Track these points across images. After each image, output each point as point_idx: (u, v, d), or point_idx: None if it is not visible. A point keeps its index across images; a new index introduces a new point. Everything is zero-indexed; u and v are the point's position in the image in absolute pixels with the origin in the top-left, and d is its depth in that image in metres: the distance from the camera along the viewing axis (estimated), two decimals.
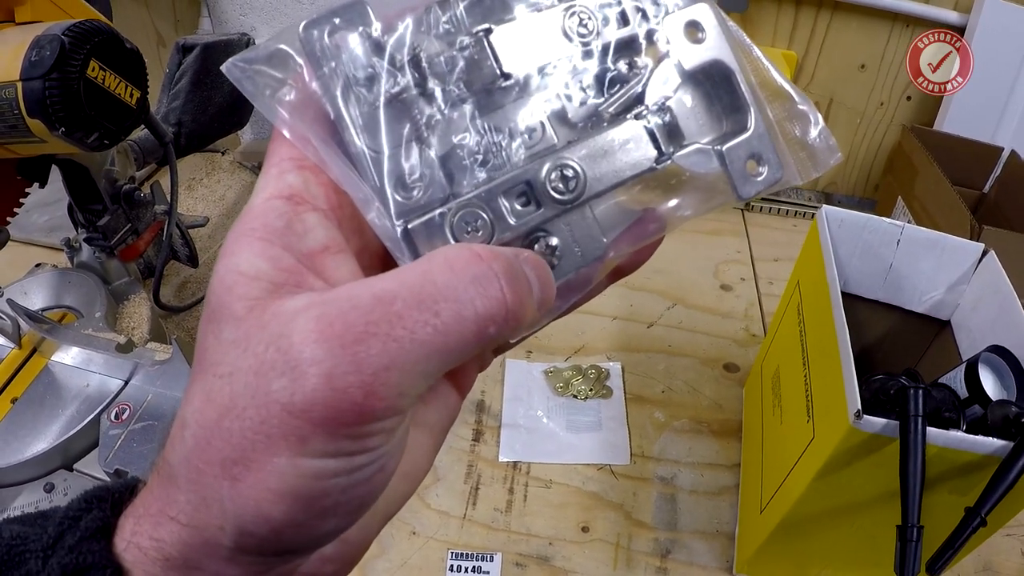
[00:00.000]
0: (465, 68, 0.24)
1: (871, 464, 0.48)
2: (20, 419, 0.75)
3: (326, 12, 0.23)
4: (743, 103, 0.27)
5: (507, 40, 0.25)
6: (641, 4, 0.27)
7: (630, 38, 0.26)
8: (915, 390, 0.45)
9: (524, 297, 0.22)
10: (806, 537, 0.60)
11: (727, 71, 0.27)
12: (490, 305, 0.21)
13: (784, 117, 0.28)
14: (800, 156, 0.27)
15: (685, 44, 0.27)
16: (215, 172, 1.37)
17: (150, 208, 0.94)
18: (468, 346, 0.20)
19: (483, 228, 0.24)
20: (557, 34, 0.25)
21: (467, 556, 0.72)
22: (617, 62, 0.26)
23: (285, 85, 0.23)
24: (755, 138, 0.26)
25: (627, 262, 0.28)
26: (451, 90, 0.24)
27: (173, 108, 0.95)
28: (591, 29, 0.26)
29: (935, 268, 0.66)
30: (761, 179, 0.27)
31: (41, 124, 0.62)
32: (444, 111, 0.24)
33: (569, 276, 0.25)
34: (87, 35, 0.63)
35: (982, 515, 0.44)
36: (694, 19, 0.27)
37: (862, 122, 1.23)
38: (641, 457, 0.82)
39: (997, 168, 1.08)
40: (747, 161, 0.26)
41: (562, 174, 0.25)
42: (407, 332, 0.19)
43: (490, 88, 0.25)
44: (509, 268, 0.21)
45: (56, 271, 0.91)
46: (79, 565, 0.21)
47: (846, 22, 1.13)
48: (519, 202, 0.24)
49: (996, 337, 0.57)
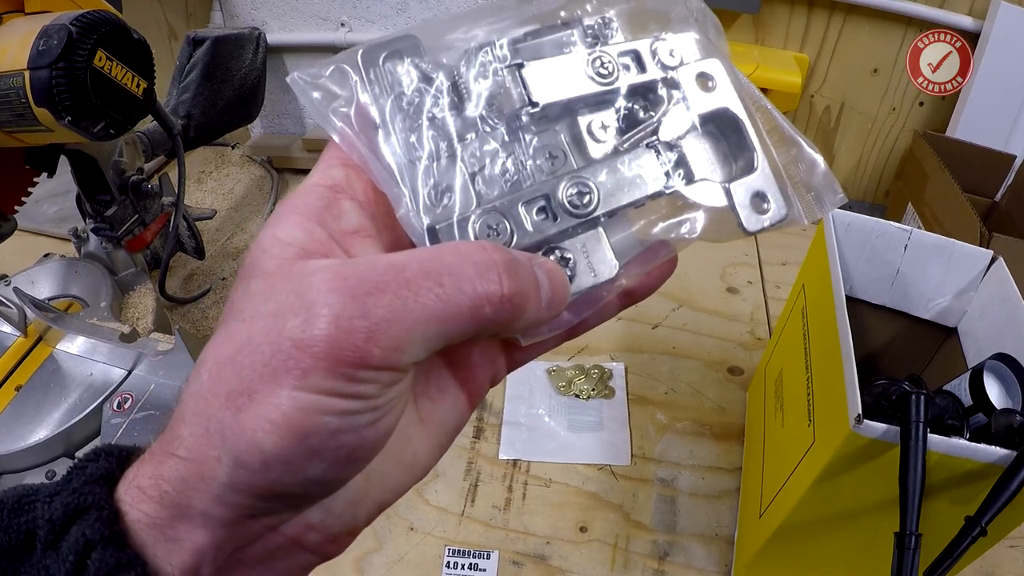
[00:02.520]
0: (499, 95, 0.27)
1: (871, 470, 0.48)
2: (24, 406, 0.75)
3: (383, 41, 0.27)
4: (750, 146, 0.29)
5: (537, 74, 0.28)
6: (659, 54, 0.30)
7: (648, 83, 0.30)
8: (917, 396, 0.45)
9: (524, 289, 0.23)
10: (804, 542, 0.59)
11: (735, 118, 0.30)
12: (487, 287, 0.22)
13: (791, 161, 0.30)
14: (807, 198, 0.30)
15: (697, 92, 0.30)
16: (224, 165, 1.37)
17: (157, 200, 0.94)
18: (464, 319, 0.22)
19: (503, 232, 0.26)
20: (581, 74, 0.29)
21: (464, 553, 0.72)
22: (634, 103, 0.30)
23: (340, 98, 0.26)
24: (761, 178, 0.29)
25: (639, 288, 0.30)
26: (485, 114, 0.27)
27: (183, 101, 0.96)
28: (611, 71, 0.29)
29: (943, 274, 0.66)
30: (766, 216, 0.29)
31: (48, 113, 0.62)
32: (478, 132, 0.27)
33: (582, 293, 0.27)
34: (94, 25, 0.63)
35: (982, 524, 0.43)
36: (705, 71, 0.30)
37: (873, 127, 1.22)
38: (642, 458, 0.82)
39: (1009, 176, 1.07)
40: (753, 199, 0.29)
41: (578, 190, 0.27)
42: (412, 294, 0.21)
43: (519, 114, 0.28)
44: (510, 262, 0.23)
45: (63, 261, 0.92)
46: (79, 505, 0.23)
47: (859, 25, 1.12)
48: (538, 214, 0.27)
49: (1003, 345, 0.56)
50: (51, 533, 0.23)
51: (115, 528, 0.23)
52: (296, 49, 1.25)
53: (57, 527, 0.23)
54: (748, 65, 1.09)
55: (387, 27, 1.20)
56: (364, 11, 1.19)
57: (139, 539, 0.23)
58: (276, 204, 1.26)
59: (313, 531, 0.25)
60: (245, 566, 0.24)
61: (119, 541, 0.22)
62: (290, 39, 1.23)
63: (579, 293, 0.27)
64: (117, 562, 0.22)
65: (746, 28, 1.16)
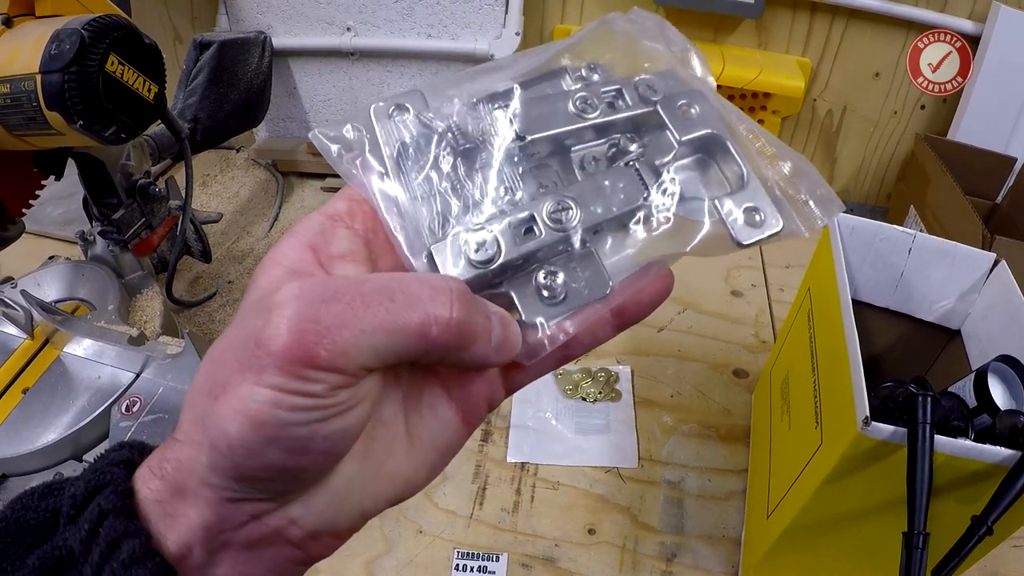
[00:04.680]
0: (491, 134, 0.30)
1: (878, 471, 0.48)
2: (31, 409, 0.76)
3: (391, 96, 0.30)
4: (738, 165, 0.31)
5: (525, 113, 0.31)
6: (640, 90, 0.32)
7: (632, 117, 0.32)
8: (923, 397, 0.45)
9: (474, 319, 0.25)
10: (812, 543, 0.59)
11: (720, 140, 0.31)
12: (437, 309, 0.24)
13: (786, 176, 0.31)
14: (805, 210, 0.31)
15: (680, 121, 0.31)
16: (230, 169, 1.38)
17: (164, 203, 0.94)
18: (412, 336, 0.24)
19: (491, 247, 0.28)
20: (567, 111, 0.31)
21: (473, 556, 0.72)
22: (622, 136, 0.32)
23: (353, 149, 0.29)
24: (751, 193, 0.30)
25: (632, 307, 0.31)
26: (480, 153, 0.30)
27: (189, 104, 0.96)
28: (595, 107, 0.31)
29: (946, 277, 0.66)
30: (759, 229, 0.30)
31: (59, 117, 0.62)
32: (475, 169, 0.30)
33: (574, 310, 0.28)
34: (107, 30, 0.63)
35: (988, 524, 0.43)
36: (687, 100, 0.32)
37: (875, 130, 1.22)
38: (649, 460, 0.82)
39: (1010, 179, 1.08)
40: (746, 212, 0.30)
41: (559, 207, 0.29)
42: (363, 305, 0.23)
43: (513, 151, 0.30)
44: (465, 293, 0.26)
45: (70, 263, 0.92)
46: (99, 483, 0.26)
47: (861, 30, 1.12)
48: (525, 233, 0.29)
49: (1006, 347, 0.57)
50: (73, 508, 0.26)
51: (127, 501, 0.25)
52: (302, 53, 1.26)
53: (79, 502, 0.26)
54: (751, 70, 1.09)
55: (392, 32, 1.20)
56: (370, 15, 1.19)
57: (145, 513, 0.25)
58: (281, 208, 1.27)
59: (294, 526, 0.26)
60: (233, 550, 0.26)
61: (129, 512, 0.25)
62: (296, 43, 1.23)
63: (573, 310, 0.28)
64: (125, 530, 0.24)
65: (749, 33, 1.17)
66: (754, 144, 0.32)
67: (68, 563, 0.25)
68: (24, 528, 0.26)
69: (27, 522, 0.26)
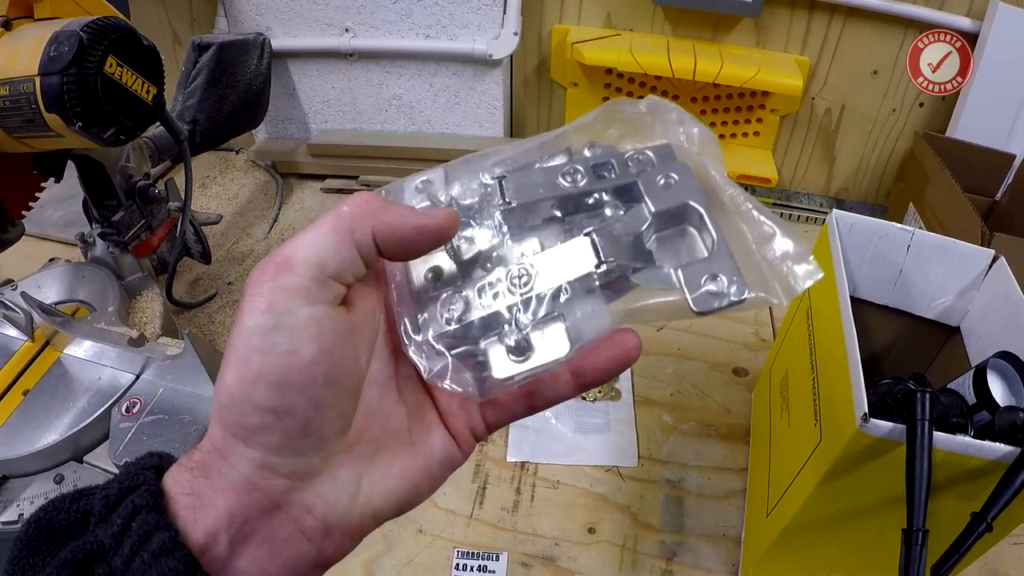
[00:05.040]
0: (485, 202, 0.35)
1: (877, 468, 0.48)
2: (31, 411, 0.76)
3: (411, 177, 0.36)
4: (711, 235, 0.32)
5: (515, 183, 0.35)
6: (631, 163, 0.35)
7: (615, 187, 0.34)
8: (922, 394, 0.45)
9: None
10: (812, 541, 0.59)
11: (696, 210, 0.33)
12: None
13: (763, 243, 0.32)
14: (783, 278, 0.31)
15: (659, 192, 0.33)
16: (229, 171, 1.38)
17: (164, 204, 0.94)
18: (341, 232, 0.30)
19: (459, 305, 0.32)
20: (554, 180, 0.34)
21: (473, 555, 0.72)
22: (607, 203, 0.34)
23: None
24: (718, 261, 0.31)
25: (591, 374, 0.33)
26: (476, 218, 0.34)
27: (188, 106, 0.96)
28: (582, 177, 0.34)
29: (945, 274, 0.66)
30: (718, 298, 0.30)
31: (58, 119, 0.63)
32: (469, 232, 0.34)
33: (535, 371, 0.31)
34: (105, 32, 0.64)
35: (988, 520, 0.43)
36: (669, 172, 0.34)
37: (874, 128, 1.22)
38: (649, 459, 0.82)
39: (1009, 176, 1.08)
40: (707, 280, 0.30)
41: (518, 273, 0.32)
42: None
43: (501, 214, 0.34)
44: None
45: (70, 265, 0.92)
46: (132, 484, 0.28)
47: (859, 28, 1.12)
48: (494, 296, 0.32)
49: (1005, 343, 0.57)
50: (105, 508, 0.28)
51: (158, 499, 0.27)
52: (301, 55, 1.26)
53: (111, 502, 0.28)
54: (749, 68, 1.09)
55: (391, 32, 1.20)
56: (369, 17, 1.19)
57: (175, 510, 0.27)
58: (280, 209, 1.27)
59: (310, 515, 0.29)
60: (255, 544, 0.28)
61: (160, 509, 0.27)
62: (295, 45, 1.23)
63: (533, 371, 0.31)
64: (156, 524, 0.26)
65: (747, 31, 1.17)
66: (745, 213, 0.33)
67: (98, 556, 0.27)
68: (56, 527, 0.28)
69: (59, 522, 0.28)
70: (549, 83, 1.29)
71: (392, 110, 1.31)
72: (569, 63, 1.21)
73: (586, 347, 0.31)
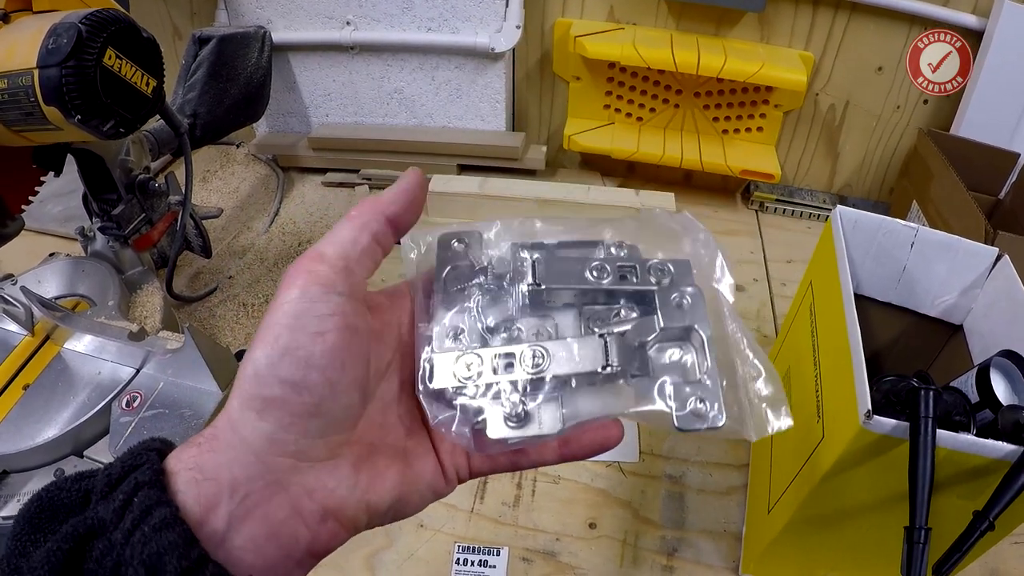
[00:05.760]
0: (517, 275, 0.38)
1: (880, 465, 0.48)
2: (32, 405, 0.75)
3: (454, 230, 0.40)
4: (706, 360, 0.35)
5: (547, 265, 0.37)
6: (652, 272, 0.38)
7: (634, 293, 0.37)
8: (926, 391, 0.45)
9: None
10: (813, 538, 0.59)
11: (698, 334, 0.36)
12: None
13: (748, 381, 0.36)
14: (759, 417, 0.35)
15: (672, 309, 0.36)
16: (230, 164, 1.38)
17: (164, 198, 0.94)
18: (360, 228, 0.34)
19: (475, 368, 0.35)
20: (582, 273, 0.37)
21: (474, 550, 0.72)
22: (625, 304, 0.38)
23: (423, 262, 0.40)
24: (707, 387, 0.34)
25: (576, 449, 0.37)
26: (504, 285, 0.38)
27: (188, 100, 0.96)
28: (608, 275, 0.37)
29: (949, 272, 0.66)
30: (700, 420, 0.34)
31: (57, 112, 0.62)
32: (496, 300, 0.38)
33: (527, 440, 0.34)
34: (104, 24, 0.63)
35: (990, 519, 0.43)
36: (684, 293, 0.37)
37: (878, 125, 1.22)
38: (650, 455, 0.82)
39: (1013, 174, 1.07)
40: (694, 402, 0.34)
41: (535, 352, 0.35)
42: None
43: (527, 292, 0.37)
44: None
45: (70, 260, 0.92)
46: (135, 463, 0.29)
47: (863, 24, 1.12)
48: (507, 367, 0.35)
49: (1009, 342, 0.57)
50: (107, 486, 0.29)
51: (160, 477, 0.29)
52: (301, 48, 1.25)
53: (114, 480, 0.29)
54: (753, 64, 1.09)
55: (392, 25, 1.20)
56: (370, 9, 1.19)
57: (177, 485, 0.29)
58: (281, 203, 1.26)
59: (308, 498, 0.31)
60: (253, 522, 0.29)
61: (161, 486, 0.28)
62: (295, 38, 1.23)
63: (525, 439, 0.34)
64: (157, 499, 0.27)
65: (751, 27, 1.16)
66: (741, 351, 0.37)
67: (99, 531, 0.28)
68: (58, 505, 0.29)
69: (61, 500, 0.29)
70: (552, 77, 1.29)
71: (393, 104, 1.31)
72: (572, 57, 1.21)
73: (576, 428, 0.35)
